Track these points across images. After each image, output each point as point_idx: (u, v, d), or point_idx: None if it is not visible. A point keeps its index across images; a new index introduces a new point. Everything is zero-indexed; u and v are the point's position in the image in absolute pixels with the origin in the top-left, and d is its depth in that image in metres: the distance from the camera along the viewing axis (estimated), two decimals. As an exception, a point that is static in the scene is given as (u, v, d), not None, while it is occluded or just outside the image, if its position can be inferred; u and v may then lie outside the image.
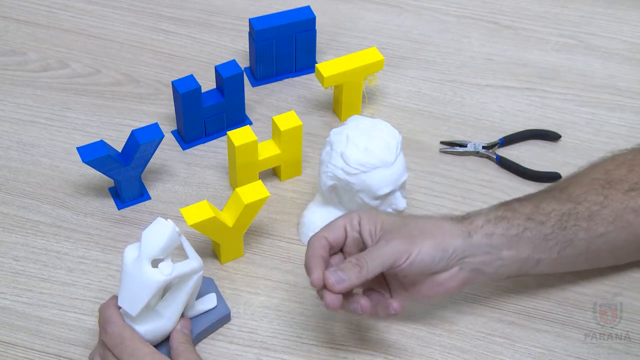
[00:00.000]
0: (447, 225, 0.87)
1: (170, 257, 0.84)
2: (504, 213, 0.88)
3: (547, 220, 0.88)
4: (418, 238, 0.84)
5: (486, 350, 0.91)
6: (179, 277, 0.85)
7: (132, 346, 0.82)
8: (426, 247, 0.84)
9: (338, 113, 1.13)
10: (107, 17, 1.26)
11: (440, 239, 0.85)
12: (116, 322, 0.84)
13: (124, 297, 0.83)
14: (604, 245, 0.91)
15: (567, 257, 0.90)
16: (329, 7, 1.27)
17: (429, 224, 0.87)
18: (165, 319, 0.86)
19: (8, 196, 1.04)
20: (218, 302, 0.92)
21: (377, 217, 0.87)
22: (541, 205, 0.89)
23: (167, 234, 0.83)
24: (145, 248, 0.82)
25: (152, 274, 0.82)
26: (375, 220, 0.86)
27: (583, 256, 0.91)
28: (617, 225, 0.90)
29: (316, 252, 0.85)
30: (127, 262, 0.83)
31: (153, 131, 0.99)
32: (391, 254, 0.83)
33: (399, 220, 0.87)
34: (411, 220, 0.87)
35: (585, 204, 0.90)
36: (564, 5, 1.29)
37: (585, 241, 0.90)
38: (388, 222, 0.86)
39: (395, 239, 0.84)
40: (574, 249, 0.90)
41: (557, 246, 0.89)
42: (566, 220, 0.89)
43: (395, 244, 0.84)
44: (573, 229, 0.89)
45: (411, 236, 0.84)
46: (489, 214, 0.88)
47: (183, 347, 0.85)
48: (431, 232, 0.85)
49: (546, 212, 0.89)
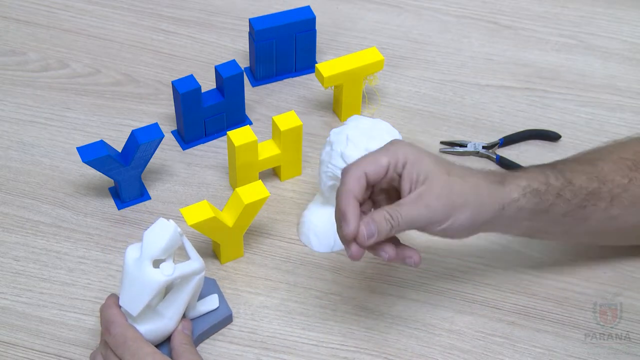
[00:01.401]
0: (486, 194, 0.84)
1: (171, 257, 0.84)
2: (539, 186, 0.86)
3: (573, 198, 0.88)
4: (457, 207, 0.82)
5: (486, 350, 0.91)
6: (181, 278, 0.85)
7: (134, 346, 0.82)
8: (462, 218, 0.83)
9: (338, 113, 1.13)
10: (107, 17, 1.26)
11: (477, 210, 0.84)
12: (119, 323, 0.84)
13: (125, 297, 0.84)
14: (614, 227, 0.91)
15: (576, 232, 0.91)
16: (329, 7, 1.27)
17: (470, 190, 0.84)
18: (166, 320, 0.86)
19: (8, 196, 1.04)
20: (220, 304, 0.92)
21: (423, 164, 0.83)
22: (573, 180, 0.88)
23: (168, 234, 0.83)
24: (146, 248, 0.82)
25: (153, 275, 0.82)
26: (420, 170, 0.82)
27: (591, 234, 0.92)
28: (631, 210, 0.90)
29: (353, 192, 0.81)
30: (128, 262, 0.83)
31: (153, 131, 0.99)
32: (427, 219, 0.81)
33: (444, 178, 0.83)
34: (455, 182, 0.83)
35: (609, 185, 0.89)
36: (564, 5, 1.29)
37: (599, 222, 0.90)
38: (433, 175, 0.82)
39: (436, 204, 0.81)
40: (586, 227, 0.90)
41: (572, 222, 0.89)
42: (588, 200, 0.88)
43: (434, 210, 0.81)
44: (591, 209, 0.88)
45: (451, 204, 0.82)
46: (527, 185, 0.86)
47: (184, 348, 0.85)
48: (470, 202, 0.83)
49: (575, 190, 0.88)
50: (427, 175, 0.82)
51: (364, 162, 0.82)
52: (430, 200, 0.81)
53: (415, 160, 0.82)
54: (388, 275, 0.97)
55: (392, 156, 0.82)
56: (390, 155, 0.83)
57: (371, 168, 0.82)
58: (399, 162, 0.82)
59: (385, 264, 0.98)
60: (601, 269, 0.98)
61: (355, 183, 0.81)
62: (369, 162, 0.82)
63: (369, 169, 0.82)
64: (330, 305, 0.95)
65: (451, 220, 0.83)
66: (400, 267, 0.98)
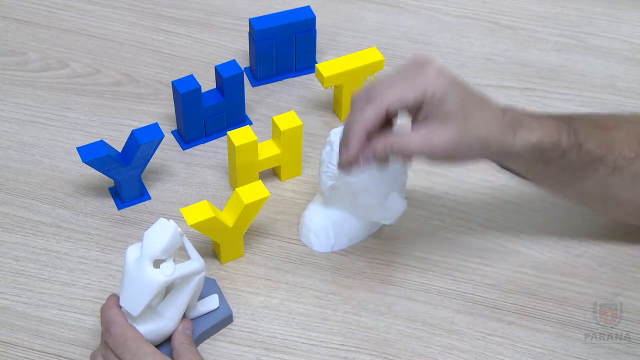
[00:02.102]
0: (493, 144, 0.84)
1: (172, 257, 0.84)
2: (547, 144, 0.86)
3: (576, 160, 0.88)
4: (460, 155, 0.83)
5: (486, 350, 0.91)
6: (181, 278, 0.85)
7: (134, 346, 0.82)
8: (462, 161, 0.85)
9: (338, 113, 1.13)
10: (107, 17, 1.26)
11: (479, 155, 0.85)
12: (119, 323, 0.84)
13: (126, 297, 0.84)
14: (607, 195, 0.91)
15: (568, 189, 0.91)
16: (329, 7, 1.27)
17: (478, 142, 0.83)
18: (167, 320, 0.86)
19: (8, 196, 1.04)
20: (220, 304, 0.92)
21: (445, 104, 0.81)
22: (583, 144, 0.87)
23: (169, 234, 0.83)
24: (147, 248, 0.82)
25: (153, 275, 0.82)
26: (439, 108, 0.81)
27: (582, 195, 0.92)
28: (629, 184, 0.90)
29: (367, 126, 0.82)
30: (128, 262, 0.83)
31: (153, 131, 0.99)
32: (427, 157, 0.83)
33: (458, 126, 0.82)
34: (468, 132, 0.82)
35: (615, 155, 0.89)
36: (564, 5, 1.29)
37: (594, 186, 0.90)
38: (449, 119, 0.82)
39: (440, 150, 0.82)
40: (579, 187, 0.90)
41: (567, 179, 0.89)
42: (591, 164, 0.88)
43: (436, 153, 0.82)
44: (591, 172, 0.89)
45: (455, 152, 0.82)
46: (537, 141, 0.85)
47: (185, 348, 0.85)
48: (474, 151, 0.84)
49: (581, 153, 0.88)
50: (445, 116, 0.82)
51: (390, 95, 0.82)
52: (436, 145, 0.82)
53: (440, 98, 0.82)
54: (388, 275, 0.97)
55: (421, 92, 0.81)
56: (420, 91, 0.81)
57: (396, 103, 0.82)
58: (426, 97, 0.82)
59: (386, 263, 0.98)
60: (601, 269, 0.98)
61: (373, 119, 0.82)
62: (395, 98, 0.82)
63: (394, 103, 0.82)
64: (330, 305, 0.95)
65: (450, 161, 0.85)
66: (400, 267, 0.98)
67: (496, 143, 0.84)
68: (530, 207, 1.04)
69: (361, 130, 0.82)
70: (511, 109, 0.87)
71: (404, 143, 0.82)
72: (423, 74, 0.82)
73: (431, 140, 0.82)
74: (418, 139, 0.82)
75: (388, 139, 0.83)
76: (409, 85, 0.82)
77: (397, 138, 0.83)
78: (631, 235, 1.01)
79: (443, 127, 0.82)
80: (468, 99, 0.84)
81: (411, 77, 0.83)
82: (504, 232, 1.01)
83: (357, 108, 0.83)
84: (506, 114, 0.86)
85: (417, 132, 0.83)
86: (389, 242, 1.00)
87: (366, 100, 0.82)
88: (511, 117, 0.86)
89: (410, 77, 0.83)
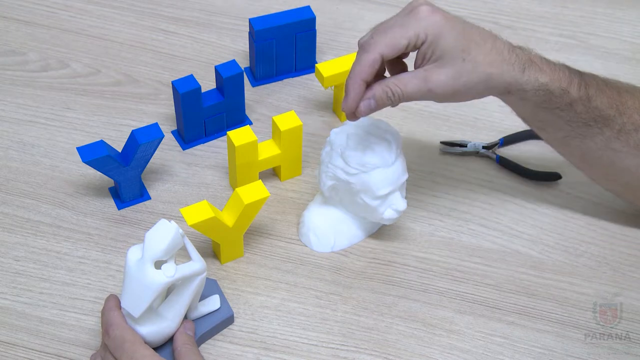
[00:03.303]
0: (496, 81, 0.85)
1: (173, 258, 0.84)
2: (556, 89, 0.86)
3: (583, 113, 0.88)
4: (460, 94, 0.85)
5: (486, 350, 0.91)
6: (182, 279, 0.85)
7: (131, 349, 0.82)
8: (461, 99, 0.86)
9: (338, 113, 1.13)
10: (107, 17, 1.26)
11: (479, 94, 0.86)
12: (118, 325, 0.84)
13: (127, 298, 0.84)
14: (608, 159, 0.91)
15: (569, 146, 0.92)
16: (329, 7, 1.27)
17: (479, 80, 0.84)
18: (168, 321, 0.86)
19: (8, 196, 1.04)
20: (221, 304, 0.92)
21: (441, 43, 0.83)
22: (592, 98, 0.88)
23: (170, 235, 0.83)
24: (148, 249, 0.82)
25: (154, 276, 0.82)
26: (435, 48, 0.83)
27: (582, 155, 0.93)
28: (633, 152, 0.90)
29: (363, 75, 0.84)
30: (130, 264, 0.83)
31: (153, 131, 0.99)
32: (426, 98, 0.84)
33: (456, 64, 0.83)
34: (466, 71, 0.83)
35: (624, 119, 0.89)
36: (564, 5, 1.29)
37: (596, 147, 0.90)
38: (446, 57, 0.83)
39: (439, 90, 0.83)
40: (581, 146, 0.91)
41: (571, 133, 0.90)
42: (597, 122, 0.89)
43: (435, 94, 0.84)
44: (595, 131, 0.89)
45: (455, 91, 0.84)
46: (545, 83, 0.86)
47: (186, 349, 0.85)
48: (475, 90, 0.85)
49: (589, 108, 0.88)
50: (441, 55, 0.83)
51: (383, 41, 0.84)
52: (435, 85, 0.83)
53: (434, 38, 0.83)
54: (388, 275, 0.97)
55: (413, 35, 0.83)
56: (412, 34, 0.83)
57: (389, 50, 0.83)
58: (419, 39, 0.83)
59: (386, 263, 0.98)
60: (601, 269, 0.98)
61: (368, 67, 0.84)
62: (388, 43, 0.83)
63: (387, 51, 0.83)
64: (330, 305, 0.95)
65: (452, 99, 0.86)
66: (400, 267, 0.98)
67: (500, 79, 0.84)
68: (530, 207, 1.04)
69: (358, 79, 0.84)
70: (524, 48, 0.87)
71: (402, 85, 0.84)
72: (415, 17, 0.84)
73: (428, 80, 0.83)
74: (415, 80, 0.84)
75: (385, 82, 0.84)
76: (401, 30, 0.84)
77: (394, 80, 0.84)
78: (631, 235, 1.01)
79: (440, 66, 0.83)
80: (466, 35, 0.84)
81: (403, 21, 0.84)
82: (504, 232, 1.01)
83: (355, 59, 0.85)
84: (514, 51, 0.86)
85: (414, 74, 0.84)
86: (389, 242, 1.00)
87: (362, 51, 0.85)
88: (520, 54, 0.86)
89: (402, 21, 0.84)
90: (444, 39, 0.83)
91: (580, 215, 1.03)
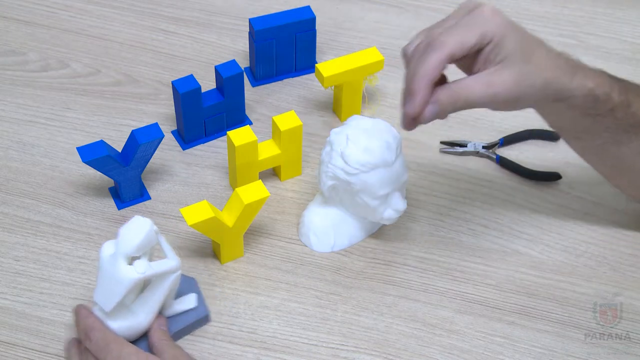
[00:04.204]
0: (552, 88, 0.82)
1: (147, 255, 0.84)
2: (601, 94, 0.85)
3: (623, 119, 0.87)
4: (521, 100, 0.82)
5: (486, 350, 0.91)
6: (156, 276, 0.85)
7: (117, 348, 0.82)
8: (522, 107, 0.84)
9: (338, 113, 1.13)
10: (107, 17, 1.26)
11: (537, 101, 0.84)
12: (99, 328, 0.84)
13: (99, 293, 0.84)
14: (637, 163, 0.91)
15: (605, 153, 0.91)
16: (329, 7, 1.27)
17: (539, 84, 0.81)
18: (141, 317, 0.86)
19: (8, 196, 1.04)
20: (198, 304, 0.92)
21: (505, 45, 0.80)
22: (632, 104, 0.87)
23: (144, 232, 0.83)
24: (121, 245, 0.83)
25: (126, 272, 0.82)
26: (499, 50, 0.79)
27: (616, 162, 0.91)
28: None
29: (431, 77, 0.79)
30: (103, 258, 0.84)
31: (153, 131, 0.99)
32: (489, 105, 0.81)
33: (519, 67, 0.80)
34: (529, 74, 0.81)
35: None
36: (564, 5, 1.29)
37: (631, 152, 0.89)
38: (509, 60, 0.80)
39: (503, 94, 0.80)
40: (617, 152, 0.90)
41: (608, 139, 0.89)
42: (635, 127, 0.88)
43: (498, 99, 0.80)
44: (633, 137, 0.88)
45: (517, 96, 0.81)
46: (592, 88, 0.84)
47: (164, 343, 0.85)
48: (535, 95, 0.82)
49: (628, 113, 0.87)
50: (505, 57, 0.80)
51: (451, 40, 0.79)
52: (499, 88, 0.80)
53: (499, 40, 0.80)
54: (388, 275, 0.97)
55: (481, 35, 0.80)
56: (480, 33, 0.79)
57: (458, 49, 0.79)
58: (485, 39, 0.80)
59: (386, 263, 0.98)
60: (601, 269, 0.98)
61: (437, 67, 0.79)
62: (457, 42, 0.79)
63: (457, 50, 0.79)
64: (330, 305, 0.95)
65: (511, 106, 0.82)
66: (400, 267, 0.98)
67: (556, 85, 0.82)
68: (530, 207, 1.04)
69: (426, 80, 0.79)
70: (567, 54, 0.85)
71: (468, 91, 0.80)
72: (479, 15, 0.80)
73: (493, 83, 0.79)
74: (479, 85, 0.80)
75: (451, 89, 0.80)
76: (467, 28, 0.80)
77: (459, 86, 0.80)
78: (631, 235, 1.01)
79: (504, 69, 0.80)
80: (526, 39, 0.82)
81: (467, 21, 0.81)
82: (504, 232, 1.01)
83: (417, 58, 0.80)
84: (561, 56, 0.84)
85: (477, 78, 0.80)
86: (389, 242, 1.00)
87: (426, 49, 0.80)
88: (568, 60, 0.85)
89: (467, 21, 0.81)
90: (508, 41, 0.80)
91: (580, 215, 1.03)
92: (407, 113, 0.80)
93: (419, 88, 0.79)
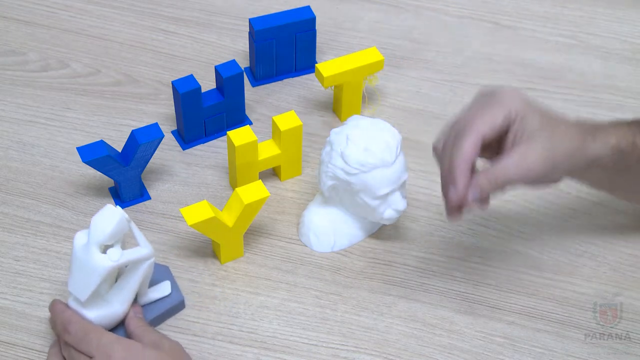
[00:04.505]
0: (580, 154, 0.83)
1: (119, 243, 0.85)
2: (626, 146, 0.86)
3: None
4: (555, 170, 0.83)
5: (486, 350, 0.91)
6: (129, 264, 0.86)
7: (96, 337, 0.83)
8: (556, 177, 0.85)
9: (338, 113, 1.13)
10: (107, 17, 1.26)
11: (570, 168, 0.85)
12: (77, 321, 0.85)
13: (74, 283, 0.84)
14: None
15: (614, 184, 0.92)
16: (329, 7, 1.27)
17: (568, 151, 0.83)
18: (116, 306, 0.87)
19: (8, 196, 1.04)
20: (172, 290, 0.92)
21: (529, 122, 0.81)
22: None
23: (115, 220, 0.83)
24: (93, 234, 0.83)
25: (99, 260, 0.83)
26: (525, 127, 0.81)
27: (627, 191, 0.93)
28: None
29: (470, 160, 0.80)
30: (76, 248, 0.84)
31: (153, 131, 0.99)
32: (525, 181, 0.82)
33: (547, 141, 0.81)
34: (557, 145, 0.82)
35: None
36: (564, 5, 1.29)
37: None
38: (537, 136, 0.81)
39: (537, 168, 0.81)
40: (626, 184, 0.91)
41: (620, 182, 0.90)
42: None
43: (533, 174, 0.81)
44: None
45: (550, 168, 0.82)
46: (616, 144, 0.85)
47: (142, 329, 0.86)
48: (566, 164, 0.83)
49: None
50: (531, 135, 0.81)
51: (481, 122, 0.81)
52: (532, 164, 0.81)
53: (523, 116, 0.82)
54: (388, 275, 0.97)
55: (507, 114, 0.81)
56: (506, 112, 0.81)
57: (489, 131, 0.81)
58: (511, 117, 0.81)
59: (385, 263, 0.98)
60: (601, 269, 0.98)
61: (473, 150, 0.80)
62: (486, 122, 0.81)
63: (487, 131, 0.81)
64: (330, 305, 0.95)
65: (543, 182, 0.84)
66: (400, 267, 0.98)
67: (581, 152, 0.84)
68: (530, 207, 1.04)
69: (465, 165, 0.80)
70: (582, 119, 0.87)
71: (505, 172, 0.81)
72: (500, 96, 0.82)
73: (526, 161, 0.81)
74: (513, 164, 0.81)
75: (488, 172, 0.81)
76: (493, 110, 0.82)
77: (497, 169, 0.81)
78: (631, 235, 1.01)
79: (532, 146, 0.81)
80: (546, 114, 0.84)
81: (491, 103, 0.82)
82: (504, 232, 1.01)
83: (451, 147, 0.82)
84: (581, 122, 0.86)
85: (509, 158, 0.81)
86: (389, 242, 1.00)
87: (457, 135, 0.82)
88: (586, 125, 0.86)
89: (490, 103, 0.82)
90: (532, 117, 0.82)
91: (580, 215, 1.03)
92: (451, 200, 0.82)
93: (460, 174, 0.81)
